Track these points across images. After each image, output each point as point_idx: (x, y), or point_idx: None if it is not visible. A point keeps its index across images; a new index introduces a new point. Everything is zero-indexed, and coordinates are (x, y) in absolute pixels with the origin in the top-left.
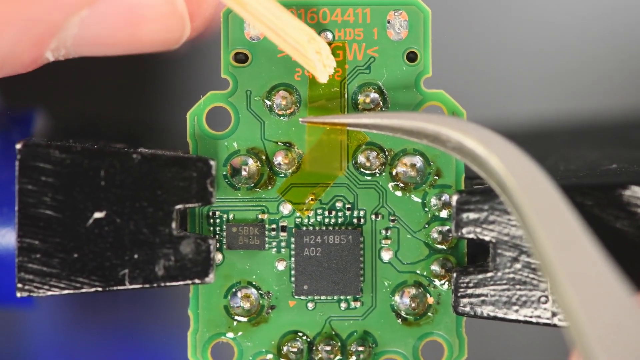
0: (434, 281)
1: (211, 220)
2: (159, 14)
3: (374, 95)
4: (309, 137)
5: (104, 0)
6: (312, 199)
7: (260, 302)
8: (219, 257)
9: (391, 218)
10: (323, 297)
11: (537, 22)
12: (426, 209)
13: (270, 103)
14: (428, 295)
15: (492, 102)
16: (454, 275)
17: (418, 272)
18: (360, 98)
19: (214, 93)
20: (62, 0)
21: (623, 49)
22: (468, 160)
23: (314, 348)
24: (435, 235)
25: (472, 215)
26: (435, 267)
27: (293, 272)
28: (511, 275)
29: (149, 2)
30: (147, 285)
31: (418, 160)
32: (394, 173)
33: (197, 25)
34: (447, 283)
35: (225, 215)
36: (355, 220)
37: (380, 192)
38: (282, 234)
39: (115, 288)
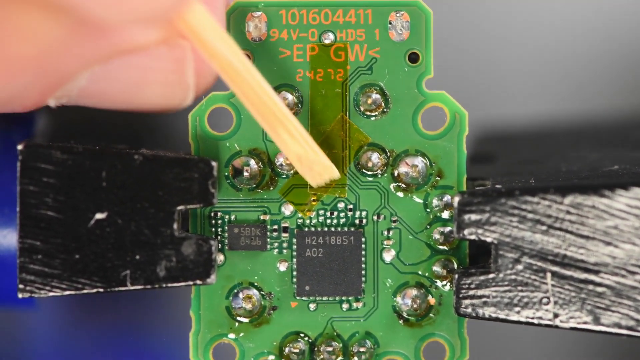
0: (436, 282)
1: (213, 221)
2: (166, 80)
3: (375, 96)
4: None
5: (118, 59)
6: (313, 200)
7: (262, 303)
8: (220, 258)
9: (393, 219)
10: (325, 298)
11: (539, 23)
12: (428, 210)
13: None
14: (430, 296)
15: (494, 102)
16: (456, 276)
17: (420, 273)
18: (362, 99)
19: (215, 94)
20: (79, 54)
21: (624, 50)
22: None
23: (316, 349)
24: (437, 236)
25: (473, 217)
26: (437, 268)
27: (295, 273)
28: (513, 277)
29: (159, 67)
30: (149, 286)
31: (420, 161)
32: (395, 174)
33: (197, 96)
34: (448, 284)
35: (226, 216)
36: (357, 221)
37: (381, 193)
38: (283, 234)
39: (116, 289)
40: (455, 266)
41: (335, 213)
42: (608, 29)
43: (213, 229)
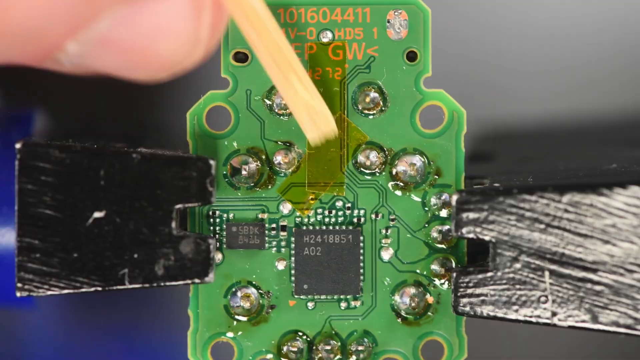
0: (434, 280)
1: (211, 220)
2: (182, 31)
3: (373, 94)
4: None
5: (139, 3)
6: (312, 199)
7: (260, 301)
8: (218, 256)
9: (391, 217)
10: (323, 297)
11: (537, 21)
12: (426, 209)
13: (270, 102)
14: (428, 295)
15: (492, 101)
16: (454, 274)
17: (418, 271)
18: (360, 97)
19: (213, 92)
20: None
21: (623, 49)
22: None
23: (314, 347)
24: (435, 234)
25: (472, 215)
26: (435, 267)
27: (293, 271)
28: (511, 275)
29: (178, 15)
30: (147, 285)
31: (418, 160)
32: (393, 172)
33: (205, 54)
34: (447, 282)
35: (225, 215)
36: (355, 220)
37: (380, 192)
38: (282, 233)
39: (115, 287)
40: (454, 265)
41: (334, 212)
42: (606, 27)
43: (211, 228)
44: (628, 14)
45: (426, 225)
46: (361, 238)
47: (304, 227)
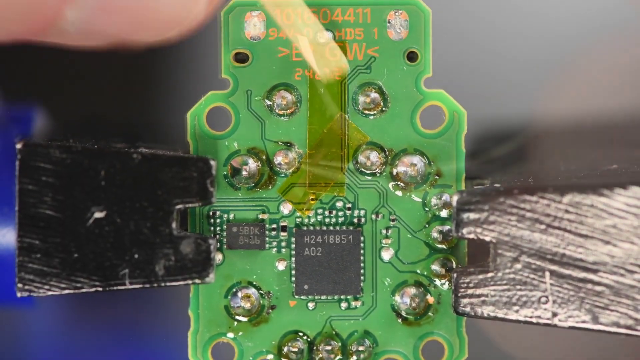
0: (435, 281)
1: (211, 220)
2: None
3: (374, 95)
4: (309, 137)
5: None
6: (312, 199)
7: (261, 302)
8: (219, 257)
9: (391, 218)
10: (323, 297)
11: (538, 22)
12: (426, 209)
13: (271, 103)
14: (428, 295)
15: (493, 101)
16: (455, 275)
17: (418, 271)
18: (361, 98)
19: (214, 93)
20: None
21: (623, 49)
22: None
23: (315, 348)
24: (435, 235)
25: (472, 216)
26: (435, 267)
27: (293, 272)
28: (511, 276)
29: None
30: (147, 285)
31: (418, 160)
32: (394, 173)
33: (209, 11)
34: (447, 283)
35: (225, 215)
36: (355, 220)
37: (380, 192)
38: (282, 233)
39: (115, 288)
40: (454, 265)
41: (334, 212)
42: (608, 28)
43: (212, 228)
44: (628, 14)
45: (427, 226)
46: (361, 238)
47: (305, 228)
